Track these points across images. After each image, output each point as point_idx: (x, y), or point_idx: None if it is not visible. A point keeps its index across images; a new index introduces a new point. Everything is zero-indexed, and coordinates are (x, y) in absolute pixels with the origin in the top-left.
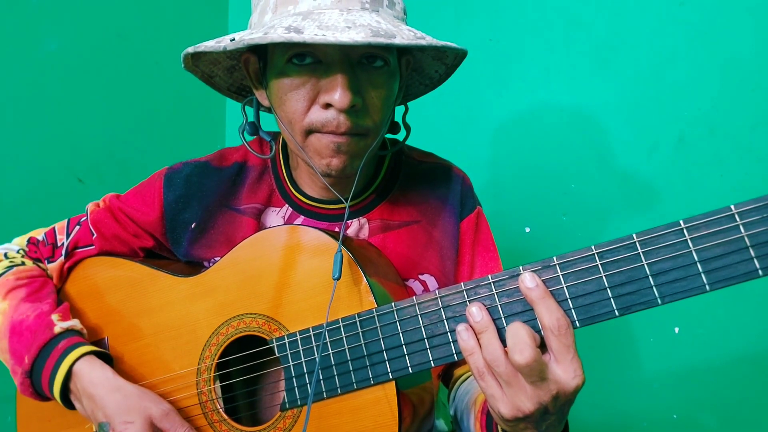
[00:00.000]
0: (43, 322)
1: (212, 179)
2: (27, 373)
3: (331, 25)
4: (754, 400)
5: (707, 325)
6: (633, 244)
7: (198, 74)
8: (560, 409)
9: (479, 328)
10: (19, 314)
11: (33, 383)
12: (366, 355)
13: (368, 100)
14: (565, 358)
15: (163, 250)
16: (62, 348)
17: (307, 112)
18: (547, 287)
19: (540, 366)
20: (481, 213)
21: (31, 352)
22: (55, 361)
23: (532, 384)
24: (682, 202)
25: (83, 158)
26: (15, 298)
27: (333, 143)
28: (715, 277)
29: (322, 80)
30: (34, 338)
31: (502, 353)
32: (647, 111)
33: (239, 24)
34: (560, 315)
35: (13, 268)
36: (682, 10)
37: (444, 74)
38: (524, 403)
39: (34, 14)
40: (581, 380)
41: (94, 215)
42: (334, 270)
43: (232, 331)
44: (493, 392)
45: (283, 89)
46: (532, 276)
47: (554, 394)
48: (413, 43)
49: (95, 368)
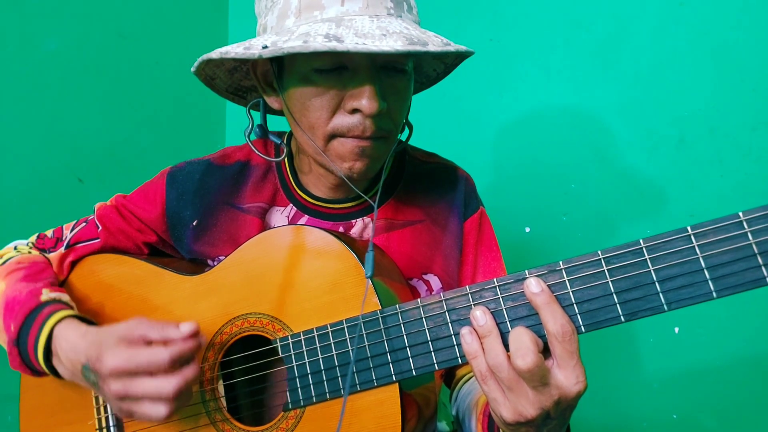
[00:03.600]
0: (32, 295)
1: (214, 177)
2: (14, 341)
3: (368, 32)
4: (754, 400)
5: (707, 325)
6: (640, 249)
7: (201, 77)
8: (562, 413)
9: (483, 332)
10: (12, 291)
11: (20, 352)
12: (370, 357)
13: (391, 103)
14: (568, 364)
15: (167, 246)
16: (47, 313)
17: (331, 117)
18: (552, 292)
19: (542, 371)
20: (485, 213)
21: (17, 320)
22: (39, 326)
23: (534, 389)
24: (683, 202)
25: (83, 158)
26: (13, 278)
27: (358, 147)
28: (722, 284)
29: (348, 86)
30: (21, 308)
31: (505, 358)
32: (647, 111)
33: (239, 24)
34: (565, 321)
35: (18, 256)
36: (682, 10)
37: (442, 73)
38: (526, 408)
39: (34, 14)
40: (583, 386)
41: (100, 211)
42: (366, 269)
43: (235, 331)
44: (496, 396)
45: (306, 95)
46: (537, 281)
47: (556, 400)
48: (444, 50)
49: (74, 327)
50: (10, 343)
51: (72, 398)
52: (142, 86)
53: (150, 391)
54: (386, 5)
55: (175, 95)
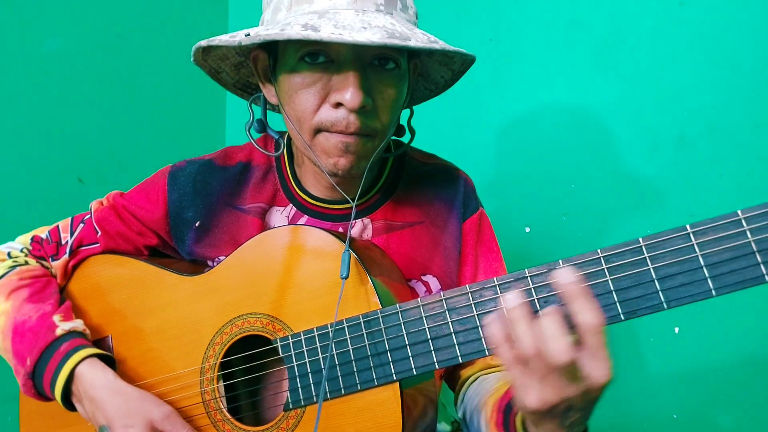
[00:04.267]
0: (45, 324)
1: (217, 178)
2: (29, 374)
3: (348, 24)
4: (754, 400)
5: (707, 325)
6: (639, 248)
7: (206, 69)
8: (586, 406)
9: (514, 317)
10: (21, 315)
11: (35, 384)
12: (370, 356)
13: (378, 101)
14: (599, 354)
15: (168, 248)
16: (64, 351)
17: (317, 110)
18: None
19: (574, 360)
20: (484, 214)
21: (33, 354)
22: (57, 364)
23: (564, 377)
24: (683, 202)
25: (83, 158)
26: (18, 298)
27: (342, 143)
28: (721, 282)
29: (333, 79)
30: (36, 340)
31: (536, 344)
32: (647, 111)
33: (239, 24)
34: (598, 311)
35: (17, 268)
36: (682, 10)
37: (450, 80)
38: (552, 396)
39: (34, 14)
40: (610, 377)
41: (98, 213)
42: (342, 269)
43: (236, 331)
44: (522, 383)
45: (294, 87)
46: (571, 270)
47: (584, 390)
48: (427, 47)
49: (97, 371)
50: (25, 375)
51: None
52: (142, 86)
53: None
54: (375, 1)
55: (175, 95)
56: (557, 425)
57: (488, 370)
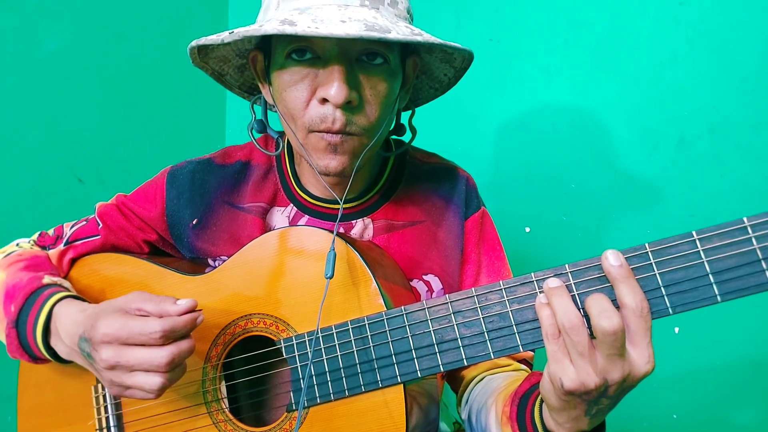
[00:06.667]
0: (33, 279)
1: (215, 176)
2: (13, 322)
3: (326, 18)
4: (754, 400)
5: (707, 325)
6: (645, 253)
7: (208, 71)
8: (619, 394)
9: (557, 293)
10: (13, 279)
11: (19, 333)
12: (375, 358)
13: (365, 97)
14: (643, 341)
15: (167, 245)
16: (47, 294)
17: (306, 107)
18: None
19: (623, 338)
20: (486, 213)
21: (17, 301)
22: (39, 306)
23: (608, 357)
24: (683, 203)
25: (83, 158)
26: (14, 268)
27: (330, 145)
28: (726, 288)
29: (320, 75)
30: (22, 291)
31: (581, 319)
32: (647, 111)
33: (239, 24)
34: (643, 296)
35: (20, 250)
36: (682, 10)
37: (453, 77)
38: (591, 376)
39: (34, 14)
40: (652, 367)
41: (101, 209)
42: (327, 269)
43: (239, 331)
44: (560, 358)
45: (283, 84)
46: (615, 254)
47: (624, 375)
48: (408, 39)
49: (75, 303)
50: (9, 325)
51: (71, 398)
52: (142, 86)
53: (142, 361)
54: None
55: (175, 95)
56: (582, 412)
57: (495, 370)
